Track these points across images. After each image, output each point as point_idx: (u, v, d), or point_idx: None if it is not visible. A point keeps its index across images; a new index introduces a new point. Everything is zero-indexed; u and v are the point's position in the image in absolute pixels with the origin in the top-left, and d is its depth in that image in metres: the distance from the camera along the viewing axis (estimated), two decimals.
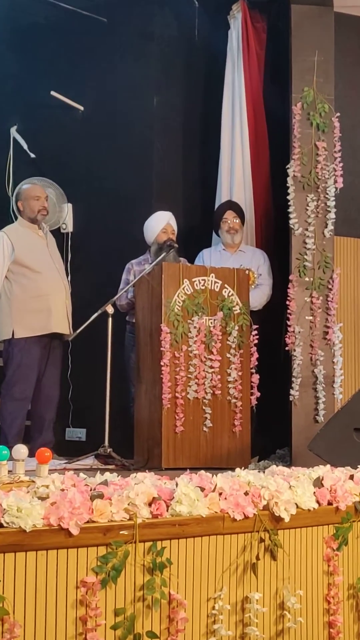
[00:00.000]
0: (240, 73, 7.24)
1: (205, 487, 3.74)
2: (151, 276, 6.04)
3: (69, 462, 5.96)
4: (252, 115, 7.23)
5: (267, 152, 7.31)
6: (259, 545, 3.82)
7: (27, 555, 3.15)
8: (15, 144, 7.79)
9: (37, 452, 3.78)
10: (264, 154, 7.31)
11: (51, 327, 6.32)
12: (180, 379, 5.77)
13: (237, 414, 5.93)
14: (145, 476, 3.73)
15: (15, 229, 6.48)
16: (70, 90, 7.63)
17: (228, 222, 6.82)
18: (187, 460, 5.73)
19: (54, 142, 7.71)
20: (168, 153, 7.47)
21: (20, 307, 6.27)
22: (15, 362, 6.28)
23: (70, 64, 7.71)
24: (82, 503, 3.30)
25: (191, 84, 7.63)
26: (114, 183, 7.40)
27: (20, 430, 6.26)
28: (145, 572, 3.44)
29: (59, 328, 6.36)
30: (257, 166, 7.22)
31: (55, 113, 7.70)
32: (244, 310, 6.04)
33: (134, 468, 5.68)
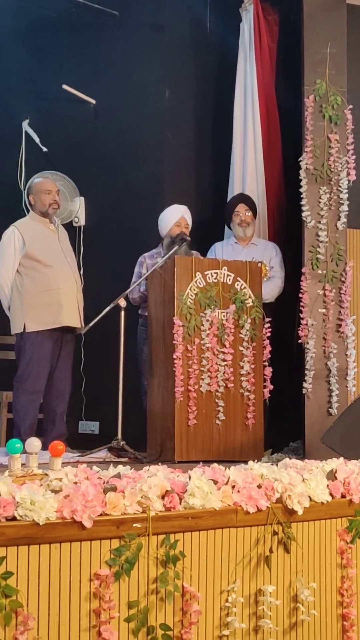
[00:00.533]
0: (252, 66, 7.22)
1: (218, 480, 3.74)
2: (164, 269, 6.03)
3: (82, 455, 5.96)
4: (264, 108, 7.21)
5: (279, 145, 7.29)
6: (272, 538, 3.82)
7: (40, 548, 3.15)
8: (28, 138, 7.80)
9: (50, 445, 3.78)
10: (276, 147, 7.29)
11: (62, 320, 6.32)
12: (192, 372, 5.76)
13: (250, 407, 5.92)
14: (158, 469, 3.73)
15: (27, 222, 6.48)
16: (81, 83, 7.63)
17: (240, 215, 6.81)
18: (200, 453, 5.72)
19: (66, 135, 7.71)
20: (180, 146, 7.47)
21: (31, 301, 6.27)
22: (27, 355, 6.28)
23: (81, 57, 7.71)
24: (95, 496, 3.30)
25: (203, 77, 7.62)
26: (126, 176, 7.40)
27: (33, 424, 6.27)
28: (159, 565, 3.44)
29: (70, 322, 6.36)
30: (270, 159, 7.20)
31: (67, 106, 7.70)
32: (256, 303, 6.03)
33: (146, 461, 5.67)
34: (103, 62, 7.62)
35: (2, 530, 3.07)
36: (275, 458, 5.91)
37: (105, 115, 7.62)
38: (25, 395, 6.28)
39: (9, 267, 6.31)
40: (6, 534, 3.07)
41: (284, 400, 6.40)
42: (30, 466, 3.71)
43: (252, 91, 7.19)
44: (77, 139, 7.67)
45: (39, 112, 7.86)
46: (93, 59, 7.67)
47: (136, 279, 6.58)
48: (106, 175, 7.52)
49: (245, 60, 7.26)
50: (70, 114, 7.71)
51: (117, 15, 7.55)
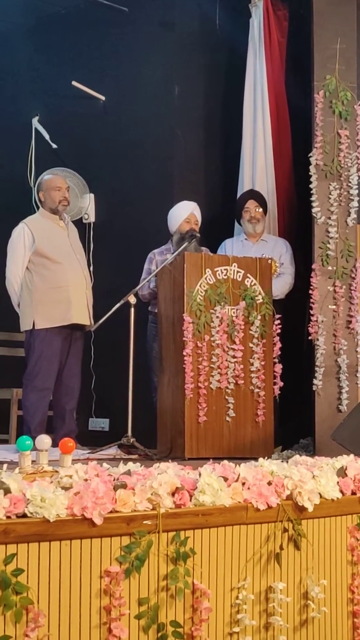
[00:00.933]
0: (261, 62, 7.21)
1: (228, 477, 3.74)
2: (173, 266, 6.03)
3: (92, 452, 5.97)
4: (274, 104, 7.20)
5: (289, 141, 7.28)
6: (283, 535, 3.82)
7: (51, 545, 3.16)
8: (37, 135, 7.81)
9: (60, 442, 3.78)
10: (286, 143, 7.28)
11: (71, 318, 6.32)
12: (202, 368, 5.76)
13: (260, 404, 5.91)
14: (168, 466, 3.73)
15: (36, 219, 6.49)
16: (91, 80, 7.64)
17: (250, 212, 6.80)
18: (210, 450, 5.72)
19: (76, 132, 7.73)
20: (189, 143, 7.46)
21: (40, 297, 6.27)
22: (37, 353, 6.29)
23: (91, 54, 7.72)
24: (106, 493, 3.30)
25: (212, 73, 7.61)
26: (136, 173, 7.40)
27: (42, 421, 6.28)
28: (169, 562, 3.44)
29: (79, 319, 6.36)
30: (279, 155, 7.19)
31: (77, 103, 7.72)
32: (266, 299, 6.02)
33: (157, 458, 5.68)
34: (112, 58, 7.63)
35: (13, 527, 3.07)
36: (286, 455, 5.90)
37: (114, 112, 7.63)
38: (35, 392, 6.29)
39: (19, 264, 6.32)
40: (17, 531, 3.08)
41: (294, 397, 6.40)
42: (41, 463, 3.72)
43: (262, 87, 7.18)
44: (87, 135, 7.68)
45: (48, 109, 7.87)
46: (102, 55, 7.67)
47: (145, 276, 6.58)
48: (116, 172, 7.52)
49: (254, 56, 7.25)
50: (80, 111, 7.71)
51: (127, 12, 7.55)
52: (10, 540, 3.07)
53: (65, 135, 7.75)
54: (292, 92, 7.25)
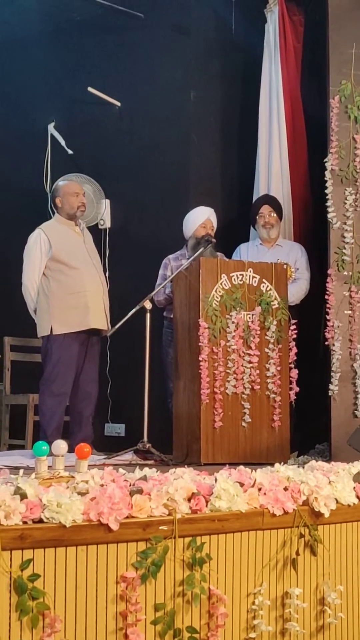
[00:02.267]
0: (277, 67, 7.21)
1: (244, 483, 3.74)
2: (189, 271, 6.03)
3: (108, 458, 5.97)
4: (290, 109, 7.20)
5: (304, 146, 7.28)
6: (299, 540, 3.81)
7: (67, 551, 3.16)
8: (53, 141, 7.83)
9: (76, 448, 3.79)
10: (301, 148, 7.28)
11: (89, 323, 6.33)
12: (218, 374, 5.76)
13: (276, 409, 5.91)
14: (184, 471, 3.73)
15: (52, 225, 6.50)
16: (107, 86, 7.66)
17: (264, 217, 6.80)
18: (226, 456, 5.72)
19: (91, 138, 7.74)
20: (205, 148, 7.47)
21: (57, 303, 6.28)
22: (54, 358, 6.29)
23: (106, 59, 7.73)
24: (122, 498, 3.31)
25: (228, 79, 7.62)
26: (151, 178, 7.41)
27: (59, 426, 6.28)
28: (185, 568, 3.44)
29: (97, 324, 6.37)
30: (295, 160, 7.19)
31: (92, 109, 7.73)
32: (282, 304, 6.02)
33: (172, 463, 5.68)
34: (128, 64, 7.64)
35: (29, 533, 3.08)
36: (302, 460, 5.90)
37: (130, 117, 7.64)
38: (52, 397, 6.30)
39: (36, 270, 6.33)
40: (33, 536, 3.09)
41: (310, 403, 6.39)
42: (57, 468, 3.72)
43: (277, 92, 7.19)
44: (103, 141, 7.70)
45: (64, 114, 7.88)
46: (118, 61, 7.69)
47: (161, 281, 6.59)
48: (131, 178, 7.53)
49: (270, 61, 7.26)
50: (96, 117, 7.73)
51: (142, 18, 7.56)
52: (26, 546, 3.08)
53: (81, 141, 7.76)
54: (308, 97, 7.25)
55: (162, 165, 7.38)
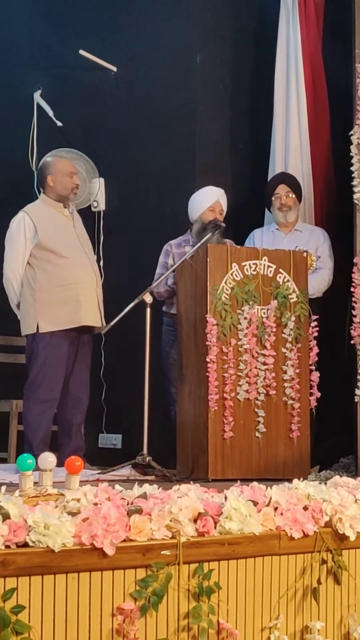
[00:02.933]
0: (296, 28, 7.22)
1: (258, 501, 3.74)
2: (195, 260, 6.03)
3: (103, 473, 5.99)
4: (310, 76, 7.20)
5: (327, 118, 7.28)
6: (321, 567, 3.81)
7: (56, 579, 3.16)
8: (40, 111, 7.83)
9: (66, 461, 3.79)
10: (323, 120, 7.28)
11: (80, 319, 6.32)
12: (228, 377, 5.76)
13: (295, 418, 5.91)
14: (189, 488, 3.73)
15: (38, 207, 6.48)
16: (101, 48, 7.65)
17: (280, 198, 6.79)
18: (237, 471, 5.73)
19: (84, 108, 7.75)
20: (213, 119, 7.47)
21: (44, 297, 6.28)
22: (40, 359, 6.29)
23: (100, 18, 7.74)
24: (118, 519, 3.31)
25: (239, 40, 7.62)
26: (152, 154, 7.41)
27: (46, 437, 6.29)
28: (191, 598, 3.44)
29: (89, 320, 6.36)
30: (316, 133, 7.19)
31: (85, 75, 7.73)
32: (301, 298, 6.02)
33: (176, 479, 5.68)
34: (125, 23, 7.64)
35: (13, 558, 3.08)
36: (324, 476, 5.91)
37: (127, 84, 7.64)
38: (38, 404, 6.30)
39: (19, 258, 6.32)
40: (17, 562, 3.08)
41: (333, 410, 6.39)
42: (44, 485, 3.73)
43: (296, 56, 7.19)
44: (96, 111, 7.70)
45: (52, 81, 7.89)
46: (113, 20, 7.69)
47: (161, 271, 6.59)
48: (129, 154, 7.54)
49: (288, 21, 7.26)
50: (88, 84, 7.73)
51: None
52: (9, 573, 3.08)
53: (72, 112, 7.77)
54: (331, 61, 7.25)
55: (164, 139, 7.38)
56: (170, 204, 7.15)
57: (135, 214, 7.47)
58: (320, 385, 6.01)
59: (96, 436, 7.40)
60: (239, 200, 7.20)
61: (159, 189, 7.35)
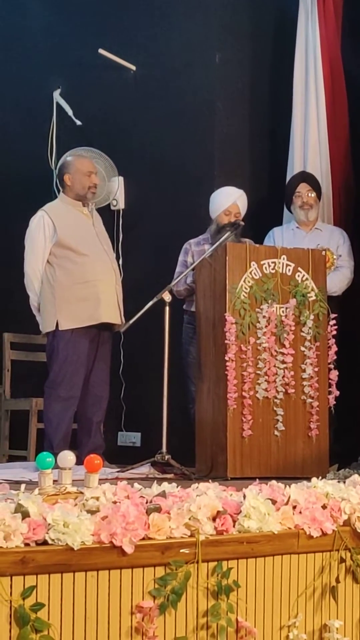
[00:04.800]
0: (315, 25, 7.21)
1: (277, 500, 3.73)
2: (213, 259, 6.03)
3: (122, 471, 5.99)
4: (329, 73, 7.19)
5: (345, 116, 7.27)
6: (339, 566, 3.81)
7: (75, 577, 3.16)
8: (59, 110, 7.84)
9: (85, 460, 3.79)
10: (342, 118, 7.26)
11: (100, 316, 6.32)
12: (247, 375, 5.76)
13: (314, 416, 5.90)
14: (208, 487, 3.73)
15: (57, 206, 6.49)
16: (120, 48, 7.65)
17: (302, 197, 6.79)
18: (256, 469, 5.72)
19: (103, 106, 7.74)
20: (232, 118, 7.46)
21: (64, 295, 6.28)
22: (61, 357, 6.30)
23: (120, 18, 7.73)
24: (137, 517, 3.31)
25: (258, 38, 7.60)
26: (171, 153, 7.41)
27: (66, 435, 6.29)
28: (209, 596, 3.44)
29: (109, 317, 6.36)
30: (335, 131, 7.18)
31: (104, 74, 7.73)
32: (320, 296, 6.01)
33: (195, 477, 5.68)
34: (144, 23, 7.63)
35: (32, 556, 3.09)
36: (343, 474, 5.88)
37: (146, 83, 7.63)
38: (58, 402, 6.31)
39: (39, 257, 6.33)
40: (36, 561, 3.09)
41: (352, 408, 6.38)
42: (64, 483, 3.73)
43: (315, 53, 7.18)
44: (115, 110, 7.70)
45: (71, 80, 7.89)
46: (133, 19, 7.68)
47: (181, 269, 6.59)
48: (148, 152, 7.53)
49: (306, 18, 7.25)
50: (107, 82, 7.73)
51: None
52: (29, 571, 3.08)
53: (91, 111, 7.77)
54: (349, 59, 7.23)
55: (182, 138, 7.37)
56: (189, 202, 7.14)
57: (154, 213, 7.47)
58: (338, 383, 5.99)
59: (115, 434, 7.40)
60: (257, 198, 7.19)
61: (178, 187, 7.34)
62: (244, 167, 7.45)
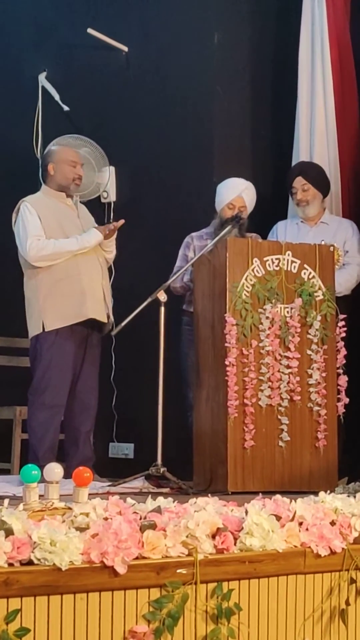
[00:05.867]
0: (321, 3, 7.21)
1: (281, 516, 3.74)
2: (213, 255, 6.03)
3: (114, 485, 5.99)
4: (337, 56, 7.20)
5: (355, 101, 7.28)
6: (349, 587, 3.81)
7: (63, 599, 3.17)
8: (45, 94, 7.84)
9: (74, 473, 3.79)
10: (351, 104, 7.28)
11: (86, 312, 6.29)
12: (249, 381, 5.76)
13: (321, 425, 5.91)
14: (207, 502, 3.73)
15: (39, 198, 6.47)
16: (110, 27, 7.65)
17: (297, 193, 6.76)
18: (258, 483, 5.73)
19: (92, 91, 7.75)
20: (232, 103, 7.47)
21: (48, 292, 6.26)
22: (45, 361, 6.29)
23: None
24: (130, 535, 3.31)
25: (260, 17, 7.61)
26: (166, 141, 7.42)
27: (53, 446, 6.29)
28: (209, 620, 3.44)
29: (96, 314, 6.33)
30: (344, 118, 7.19)
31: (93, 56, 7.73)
32: (328, 296, 6.01)
33: (193, 492, 5.69)
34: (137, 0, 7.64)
35: (17, 577, 3.09)
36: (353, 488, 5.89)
37: (139, 65, 7.64)
38: (43, 410, 6.30)
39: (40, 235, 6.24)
40: (21, 582, 3.09)
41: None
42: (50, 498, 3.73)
43: (322, 34, 7.19)
44: (106, 95, 7.71)
45: (58, 62, 7.90)
46: None
47: (181, 264, 6.58)
48: (141, 140, 7.54)
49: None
50: (97, 65, 7.74)
51: None
52: (13, 593, 3.08)
53: (79, 95, 7.77)
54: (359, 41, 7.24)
55: (179, 125, 7.38)
56: (186, 194, 7.15)
57: (149, 206, 7.47)
58: (348, 390, 6.00)
59: (106, 445, 7.40)
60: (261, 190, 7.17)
61: (174, 178, 7.35)
62: (246, 157, 7.46)
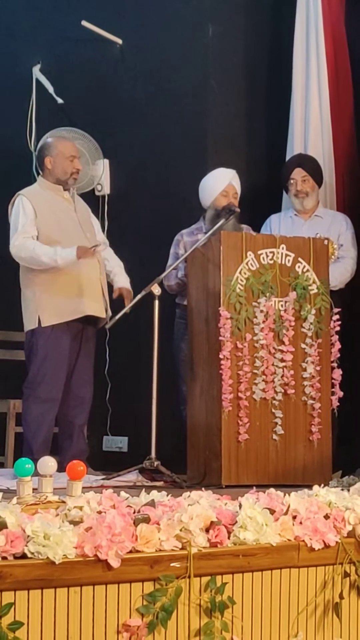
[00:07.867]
0: None
1: (275, 509, 3.74)
2: (206, 248, 6.03)
3: (108, 478, 5.99)
4: (332, 48, 7.19)
5: (350, 94, 7.27)
6: (343, 580, 3.81)
7: (56, 593, 3.16)
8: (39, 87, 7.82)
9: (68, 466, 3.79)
10: (346, 96, 7.27)
11: (84, 309, 6.30)
12: (243, 375, 5.76)
13: (315, 419, 5.91)
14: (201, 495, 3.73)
15: (35, 190, 6.46)
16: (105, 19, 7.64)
17: (296, 184, 6.76)
18: (252, 476, 5.73)
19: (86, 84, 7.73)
20: (227, 95, 7.46)
21: (45, 288, 6.26)
22: (40, 355, 6.29)
23: None
24: (124, 529, 3.31)
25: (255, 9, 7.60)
26: (161, 134, 7.40)
27: (47, 439, 6.29)
28: (202, 614, 3.44)
29: (93, 310, 6.33)
30: (338, 111, 7.18)
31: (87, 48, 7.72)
32: (322, 289, 6.01)
33: (187, 485, 5.69)
34: None
35: (10, 571, 3.08)
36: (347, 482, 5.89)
37: (134, 57, 7.63)
38: (38, 404, 6.30)
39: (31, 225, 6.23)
40: (15, 576, 3.09)
41: (357, 410, 6.39)
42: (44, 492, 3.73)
43: (317, 26, 7.18)
44: (100, 87, 7.69)
45: (52, 55, 7.88)
46: None
47: (172, 262, 6.58)
48: (136, 133, 7.53)
49: None
50: (91, 57, 7.72)
51: None
52: (6, 587, 3.08)
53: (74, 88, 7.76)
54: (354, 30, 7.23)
55: (173, 118, 7.37)
56: (180, 187, 7.14)
57: (143, 199, 7.46)
58: (342, 383, 6.00)
59: (100, 439, 7.40)
60: (255, 183, 7.19)
61: (168, 171, 7.34)
62: (240, 149, 7.45)
